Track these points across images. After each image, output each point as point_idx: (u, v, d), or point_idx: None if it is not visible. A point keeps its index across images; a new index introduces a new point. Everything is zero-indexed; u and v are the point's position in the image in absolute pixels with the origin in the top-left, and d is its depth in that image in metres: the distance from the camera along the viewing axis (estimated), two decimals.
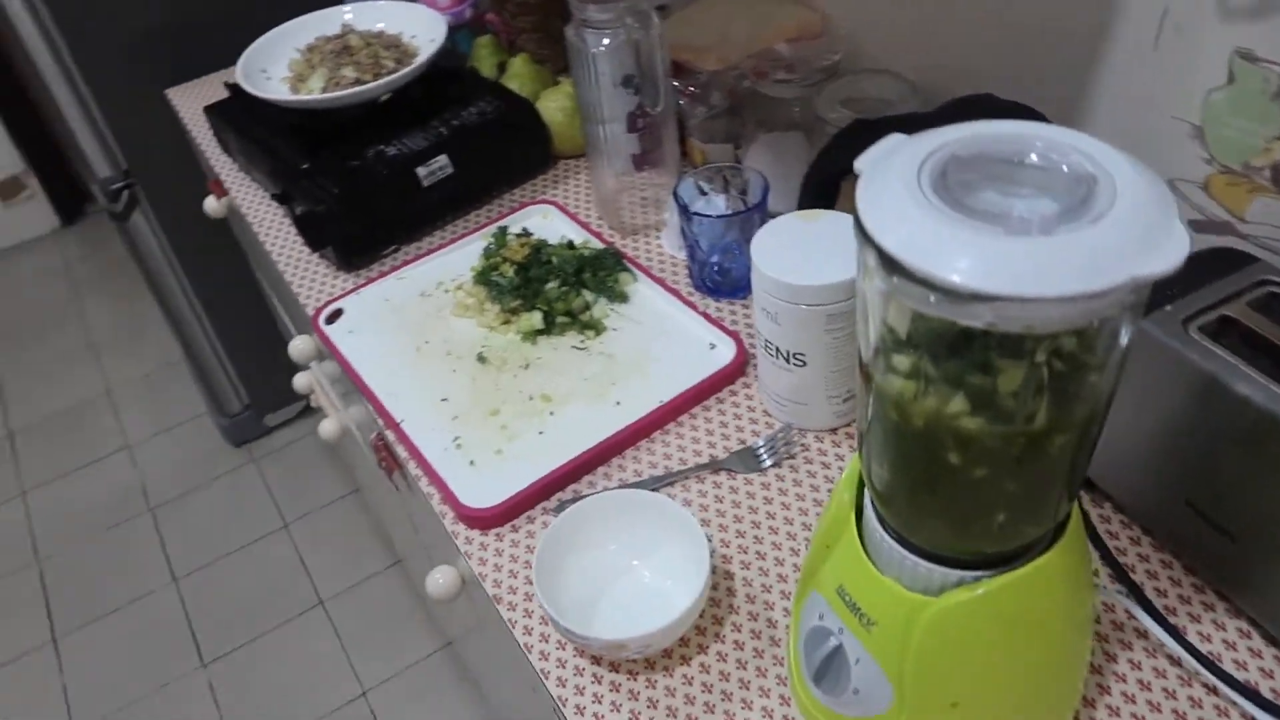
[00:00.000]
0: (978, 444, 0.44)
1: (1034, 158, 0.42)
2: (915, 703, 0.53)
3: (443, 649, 1.66)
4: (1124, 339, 0.44)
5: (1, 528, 1.98)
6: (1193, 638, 0.64)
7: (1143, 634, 0.64)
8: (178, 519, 1.95)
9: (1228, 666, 0.62)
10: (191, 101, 1.43)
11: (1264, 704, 0.59)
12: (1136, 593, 0.66)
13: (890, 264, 0.40)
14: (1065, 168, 0.41)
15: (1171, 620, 0.65)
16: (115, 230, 1.81)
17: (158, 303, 1.91)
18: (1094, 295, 0.37)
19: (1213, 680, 0.61)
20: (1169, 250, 0.38)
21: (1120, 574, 0.67)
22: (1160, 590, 0.67)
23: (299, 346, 1.11)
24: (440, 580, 0.82)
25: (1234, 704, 0.60)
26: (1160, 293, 0.66)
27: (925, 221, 0.40)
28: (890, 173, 0.43)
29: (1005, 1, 0.85)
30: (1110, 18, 0.77)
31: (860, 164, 0.45)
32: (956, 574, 0.51)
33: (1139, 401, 0.65)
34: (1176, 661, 0.63)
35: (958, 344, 0.42)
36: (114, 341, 2.45)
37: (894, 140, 0.46)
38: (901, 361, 0.44)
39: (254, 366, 2.00)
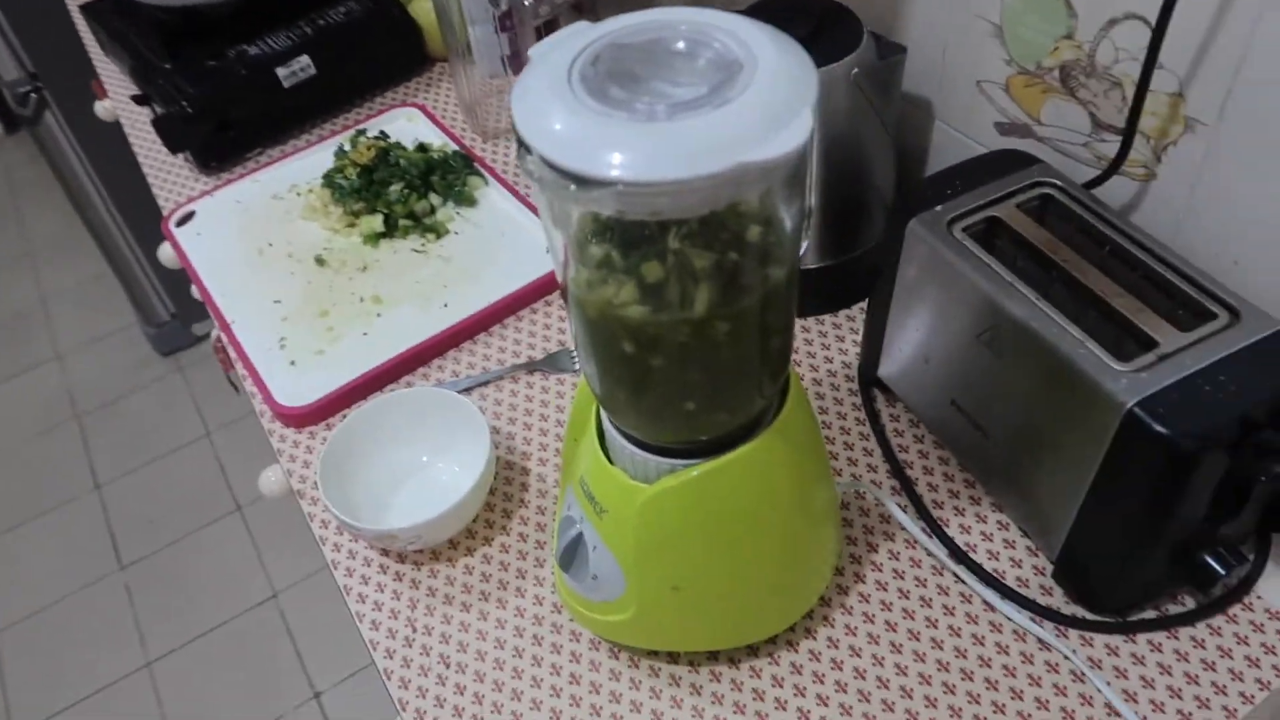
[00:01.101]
0: (644, 333, 0.45)
1: (681, 45, 0.42)
2: (641, 587, 0.55)
3: None
4: (783, 227, 0.44)
5: None
6: (954, 530, 0.66)
7: (905, 527, 0.66)
8: (104, 427, 1.98)
9: (980, 557, 0.64)
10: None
11: (1001, 589, 0.62)
12: (908, 487, 0.68)
13: (527, 149, 0.40)
14: (709, 54, 0.41)
15: (937, 513, 0.67)
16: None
17: (75, 209, 1.90)
18: (702, 180, 0.38)
19: (959, 568, 0.63)
20: (785, 138, 0.38)
21: (896, 469, 0.69)
22: (932, 485, 0.68)
23: (166, 252, 1.10)
24: (272, 478, 0.84)
25: (976, 592, 0.63)
26: (938, 191, 0.66)
27: (559, 109, 0.40)
28: (550, 60, 0.42)
29: None
30: None
31: (533, 51, 0.45)
32: (669, 463, 0.52)
33: (913, 302, 0.66)
34: (931, 552, 0.65)
35: (605, 232, 0.43)
36: (52, 250, 2.44)
37: (576, 28, 0.45)
38: (570, 251, 0.45)
39: (179, 276, 1.99)
